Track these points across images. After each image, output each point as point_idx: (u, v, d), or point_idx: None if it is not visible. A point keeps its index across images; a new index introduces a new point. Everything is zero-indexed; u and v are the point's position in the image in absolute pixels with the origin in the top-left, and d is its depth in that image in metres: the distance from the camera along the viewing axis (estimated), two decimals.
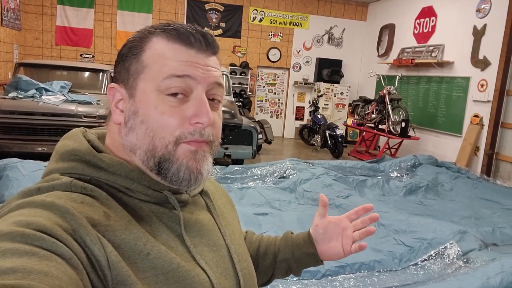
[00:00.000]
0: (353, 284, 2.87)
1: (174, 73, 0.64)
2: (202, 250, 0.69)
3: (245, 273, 0.76)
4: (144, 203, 0.66)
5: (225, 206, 0.86)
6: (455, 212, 4.54)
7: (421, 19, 8.74)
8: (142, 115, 0.64)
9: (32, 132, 5.41)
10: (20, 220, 0.51)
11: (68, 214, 0.54)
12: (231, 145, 6.22)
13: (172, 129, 0.64)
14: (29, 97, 5.66)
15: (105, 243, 0.56)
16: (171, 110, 0.64)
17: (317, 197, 4.46)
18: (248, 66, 10.61)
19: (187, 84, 0.64)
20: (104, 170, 0.64)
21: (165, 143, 0.64)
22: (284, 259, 0.95)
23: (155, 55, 0.65)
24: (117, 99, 0.68)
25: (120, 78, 0.68)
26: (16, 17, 8.66)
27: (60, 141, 0.69)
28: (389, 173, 5.75)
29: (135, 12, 9.67)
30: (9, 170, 3.76)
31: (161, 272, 0.60)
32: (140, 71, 0.65)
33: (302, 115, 11.20)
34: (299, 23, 10.87)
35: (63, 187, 0.60)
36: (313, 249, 0.92)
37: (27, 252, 0.47)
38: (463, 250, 3.29)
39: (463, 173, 5.97)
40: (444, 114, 7.95)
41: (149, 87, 0.64)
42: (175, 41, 0.65)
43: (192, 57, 0.65)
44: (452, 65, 7.80)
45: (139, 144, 0.65)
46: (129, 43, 0.68)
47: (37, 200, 0.56)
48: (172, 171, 0.64)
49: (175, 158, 0.64)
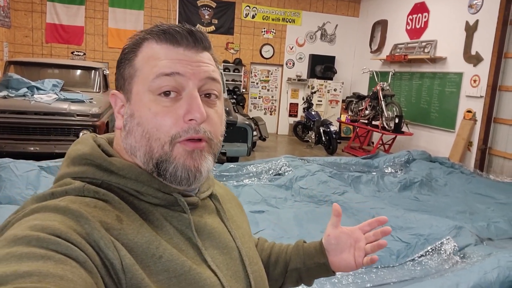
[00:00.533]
0: (351, 280, 2.87)
1: (163, 71, 0.64)
2: (213, 252, 0.69)
3: (256, 276, 0.76)
4: (154, 207, 0.66)
5: (234, 210, 0.86)
6: (449, 207, 4.57)
7: (413, 15, 8.77)
8: (137, 118, 0.65)
9: (24, 131, 5.34)
10: (35, 225, 0.52)
11: (82, 218, 0.55)
12: (226, 142, 6.20)
13: (166, 129, 0.64)
14: (21, 96, 5.58)
15: (119, 246, 0.56)
16: (164, 110, 0.64)
17: (313, 194, 4.46)
18: (241, 63, 10.58)
19: (178, 82, 0.65)
20: (115, 173, 0.65)
21: (160, 143, 0.64)
22: (295, 268, 0.94)
23: (145, 57, 0.66)
24: (119, 105, 0.70)
25: (119, 85, 0.70)
26: (6, 15, 8.53)
27: (71, 146, 0.70)
28: (384, 169, 5.76)
29: (127, 9, 9.58)
30: (2, 171, 3.70)
31: (173, 275, 0.60)
32: (133, 75, 0.67)
33: (296, 111, 11.20)
34: (292, 20, 10.85)
35: (76, 191, 0.61)
36: (324, 259, 0.91)
37: (42, 256, 0.48)
38: (460, 245, 3.31)
39: (457, 168, 6.00)
40: (437, 110, 7.99)
41: (141, 89, 0.66)
42: (162, 41, 0.66)
43: (180, 55, 0.66)
44: (445, 60, 7.84)
45: (137, 146, 0.66)
46: (124, 50, 0.70)
47: (51, 205, 0.56)
48: (169, 171, 0.65)
49: (171, 158, 0.64)
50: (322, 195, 4.41)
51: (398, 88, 9.07)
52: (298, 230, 3.56)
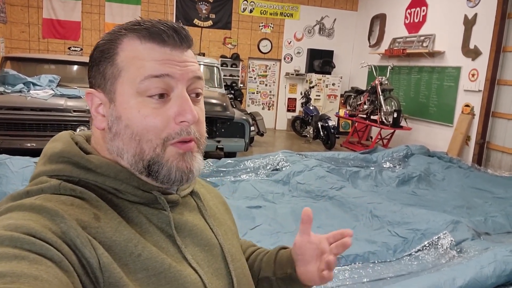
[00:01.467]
0: (348, 275, 2.87)
1: (151, 73, 0.62)
2: (194, 250, 0.68)
3: (238, 273, 0.75)
4: (134, 205, 0.65)
5: (217, 207, 0.84)
6: (447, 201, 4.57)
7: (412, 8, 8.73)
8: (125, 120, 0.64)
9: (21, 127, 5.31)
10: (8, 224, 0.51)
11: (57, 217, 0.54)
12: (223, 138, 6.18)
13: (158, 131, 0.63)
14: (17, 91, 5.55)
15: (96, 245, 0.55)
16: (154, 111, 0.63)
17: (310, 189, 4.45)
18: (239, 58, 10.54)
19: (167, 83, 0.63)
20: (93, 171, 0.63)
21: (152, 146, 0.63)
22: (265, 277, 0.88)
23: (129, 57, 0.64)
24: (97, 103, 0.67)
25: (96, 83, 0.67)
26: (1, 10, 8.48)
27: (48, 143, 0.68)
28: (382, 163, 5.76)
29: (124, 3, 9.51)
30: None
31: (153, 273, 0.59)
32: (117, 75, 0.64)
33: (294, 106, 11.18)
34: (290, 14, 10.79)
35: (52, 189, 0.60)
36: (291, 269, 0.83)
37: (16, 256, 0.47)
38: (456, 240, 3.32)
39: (455, 162, 6.00)
40: (436, 104, 7.97)
41: (128, 90, 0.63)
42: (147, 40, 0.64)
43: (168, 55, 0.64)
44: (443, 55, 7.82)
45: (126, 148, 0.64)
46: (100, 46, 0.66)
47: (26, 203, 0.55)
48: (163, 173, 0.64)
49: (164, 160, 0.64)
50: (319, 190, 4.41)
51: (397, 83, 9.05)
52: (295, 225, 3.56)
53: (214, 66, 7.51)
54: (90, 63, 0.68)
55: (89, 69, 0.68)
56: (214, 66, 7.50)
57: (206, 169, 4.83)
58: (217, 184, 4.46)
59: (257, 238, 3.28)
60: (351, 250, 3.10)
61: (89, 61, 0.68)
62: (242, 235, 3.32)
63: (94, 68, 0.67)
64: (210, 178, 4.61)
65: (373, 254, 3.14)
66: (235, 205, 3.81)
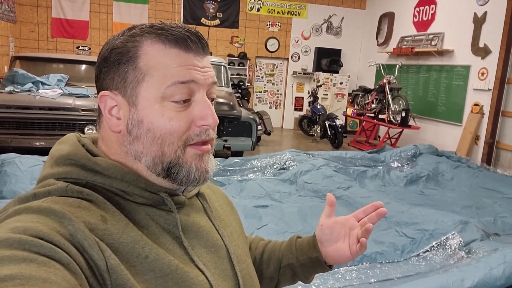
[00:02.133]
0: (355, 276, 2.86)
1: (179, 80, 0.64)
2: (200, 251, 0.69)
3: (244, 274, 0.75)
4: (141, 206, 0.65)
5: (223, 208, 0.85)
6: (456, 201, 4.52)
7: (420, 7, 8.66)
8: (148, 123, 0.64)
9: (30, 126, 5.36)
10: (17, 227, 0.51)
11: (65, 219, 0.54)
12: (230, 137, 6.18)
13: (180, 134, 0.65)
14: (26, 91, 5.60)
15: (104, 247, 0.55)
16: (178, 115, 0.65)
17: (317, 188, 4.44)
18: (246, 57, 10.53)
19: (191, 88, 0.65)
20: (100, 173, 0.64)
21: (174, 148, 0.65)
22: (288, 264, 0.92)
23: (154, 62, 0.64)
24: (110, 106, 0.66)
25: (113, 85, 0.66)
26: (11, 9, 8.55)
27: (54, 146, 0.69)
28: (390, 163, 5.72)
29: (131, 3, 9.55)
30: (7, 166, 3.73)
31: (160, 275, 0.60)
32: (141, 79, 0.64)
33: (301, 105, 11.15)
34: (297, 12, 10.76)
35: (59, 192, 0.60)
36: (316, 253, 0.88)
37: (25, 258, 0.47)
38: (465, 240, 3.28)
39: (464, 162, 5.95)
40: (444, 103, 7.91)
41: (152, 94, 0.64)
42: (172, 45, 0.65)
43: (191, 61, 0.65)
44: (452, 53, 7.74)
45: (145, 151, 0.65)
46: (118, 48, 0.65)
47: (33, 206, 0.55)
48: (182, 174, 0.66)
49: (183, 162, 0.66)
50: (326, 190, 4.39)
51: (405, 81, 8.99)
52: (302, 225, 3.55)
53: (221, 65, 7.51)
54: (104, 65, 0.66)
55: (102, 71, 0.67)
56: (221, 65, 7.50)
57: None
58: (224, 183, 4.46)
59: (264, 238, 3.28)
60: None
61: (103, 62, 0.67)
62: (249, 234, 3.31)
63: (112, 70, 0.66)
64: (217, 177, 4.61)
65: (380, 254, 3.12)
66: (242, 204, 3.81)
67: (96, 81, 0.69)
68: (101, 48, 0.69)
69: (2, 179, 3.57)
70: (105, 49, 0.67)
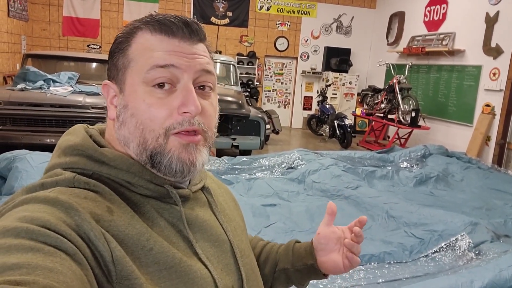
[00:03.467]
0: (363, 276, 2.84)
1: (157, 63, 0.64)
2: (204, 245, 0.69)
3: (247, 269, 0.76)
4: (146, 199, 0.66)
5: (227, 203, 0.85)
6: (466, 203, 4.48)
7: (431, 6, 8.58)
8: (131, 109, 0.65)
9: (41, 123, 5.42)
10: (24, 216, 0.51)
11: (71, 210, 0.55)
12: (238, 135, 6.19)
13: (161, 121, 0.64)
14: (37, 88, 5.65)
15: (109, 238, 0.56)
16: (159, 101, 0.64)
17: (325, 188, 4.43)
18: (255, 56, 10.53)
19: (173, 73, 0.64)
20: (106, 164, 0.64)
21: (155, 135, 0.64)
22: (283, 269, 0.91)
23: (139, 48, 0.66)
24: (112, 95, 0.69)
25: (111, 75, 0.69)
26: (23, 8, 8.65)
27: (62, 136, 0.70)
28: (399, 163, 5.68)
29: (141, 1, 9.61)
30: (18, 162, 3.77)
31: (164, 267, 0.60)
32: (127, 65, 0.66)
33: (310, 105, 11.12)
34: (307, 12, 10.73)
35: (66, 182, 0.60)
36: (312, 260, 0.88)
37: (31, 248, 0.47)
38: (475, 241, 3.25)
39: (474, 163, 5.88)
40: (455, 103, 7.83)
41: (135, 80, 0.65)
42: (157, 32, 0.66)
43: (176, 46, 0.65)
44: (463, 53, 7.66)
45: (131, 137, 0.66)
46: (117, 39, 0.69)
47: (40, 196, 0.56)
48: (164, 163, 0.65)
49: (166, 151, 0.64)
50: (334, 190, 4.38)
51: (415, 81, 8.92)
52: (310, 224, 3.55)
53: (230, 64, 7.52)
54: (109, 56, 0.70)
55: (108, 63, 0.71)
56: (230, 64, 7.51)
57: (222, 167, 4.84)
58: (232, 182, 4.47)
59: (272, 236, 3.28)
60: (366, 250, 3.07)
61: (108, 54, 0.71)
62: (257, 233, 3.32)
63: (110, 60, 0.70)
64: (225, 176, 4.62)
65: (388, 254, 3.10)
66: (250, 203, 3.81)
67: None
68: None
69: (13, 175, 3.62)
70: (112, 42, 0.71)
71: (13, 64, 8.10)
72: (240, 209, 0.91)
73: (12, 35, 8.08)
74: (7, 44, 7.82)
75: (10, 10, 7.83)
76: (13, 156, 3.83)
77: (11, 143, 5.25)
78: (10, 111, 5.30)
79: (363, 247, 3.11)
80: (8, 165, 3.74)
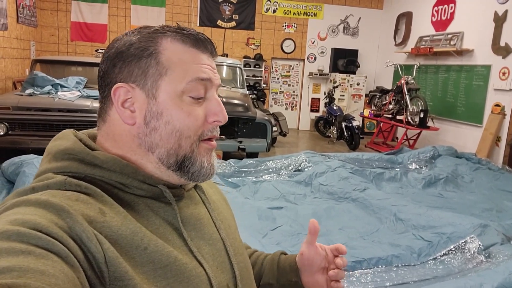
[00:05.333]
0: (370, 279, 2.81)
1: (199, 76, 0.68)
2: (199, 243, 0.70)
3: (241, 267, 0.76)
4: (140, 198, 0.67)
5: (219, 202, 0.86)
6: (475, 204, 4.42)
7: (439, 6, 8.51)
8: (167, 116, 0.66)
9: (49, 128, 5.47)
10: (15, 219, 0.51)
11: (63, 212, 0.55)
12: (245, 138, 6.18)
13: (196, 128, 0.68)
14: (45, 93, 5.71)
15: (102, 239, 0.56)
16: (195, 110, 0.68)
17: (333, 190, 4.40)
18: (262, 58, 10.53)
19: (206, 86, 0.69)
20: (99, 166, 0.65)
21: (190, 142, 0.68)
22: (268, 283, 0.91)
23: (175, 58, 0.67)
24: (124, 98, 0.67)
25: (131, 78, 0.67)
26: (32, 14, 8.75)
27: (51, 142, 0.70)
28: (408, 165, 5.63)
29: (148, 6, 9.67)
30: (26, 167, 3.80)
31: (159, 266, 0.60)
32: (163, 73, 0.67)
33: (317, 106, 11.09)
34: (314, 13, 10.71)
35: (57, 185, 0.60)
36: (296, 278, 0.88)
37: (23, 251, 0.47)
38: (484, 244, 3.19)
39: (484, 164, 5.80)
40: (464, 104, 7.74)
41: (173, 88, 0.67)
42: (191, 45, 0.69)
43: (207, 61, 0.70)
44: (472, 53, 7.58)
45: (162, 143, 0.67)
46: (137, 43, 0.67)
47: (32, 199, 0.56)
48: (195, 168, 0.68)
49: (197, 156, 0.68)
50: (342, 192, 4.34)
51: (423, 82, 8.84)
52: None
53: (237, 66, 7.52)
54: (121, 59, 0.67)
55: (116, 65, 0.67)
56: (236, 67, 7.51)
57: (228, 169, 4.84)
58: (239, 185, 4.46)
59: (278, 239, 3.26)
60: (373, 253, 3.04)
61: (118, 56, 0.67)
62: (263, 236, 3.31)
63: (130, 63, 0.67)
64: (231, 178, 4.61)
65: (396, 257, 3.07)
66: (256, 206, 3.80)
67: (105, 75, 0.69)
68: (112, 44, 0.70)
69: (21, 180, 3.65)
70: (121, 44, 0.68)
71: (23, 70, 8.20)
72: (231, 209, 0.91)
73: (22, 41, 8.18)
74: (17, 50, 7.92)
75: (20, 16, 7.93)
76: (20, 161, 3.86)
77: (19, 148, 5.30)
78: (19, 116, 5.36)
79: (371, 250, 3.08)
80: (16, 170, 3.77)
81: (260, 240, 3.09)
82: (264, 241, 3.12)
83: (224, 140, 6.08)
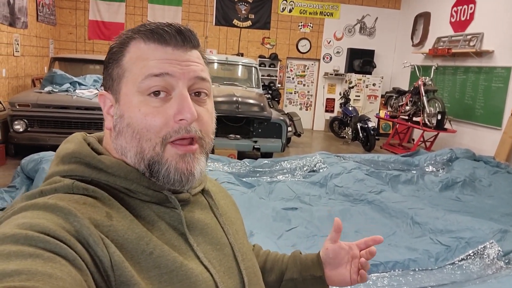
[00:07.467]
0: (387, 283, 2.78)
1: (152, 72, 0.64)
2: (205, 248, 0.69)
3: (249, 272, 0.75)
4: (145, 203, 0.66)
5: (228, 207, 0.85)
6: (494, 209, 4.34)
7: (458, 6, 8.37)
8: (127, 118, 0.65)
9: (67, 125, 5.55)
10: (23, 223, 0.52)
11: (70, 216, 0.55)
12: (260, 138, 6.18)
13: (157, 129, 0.64)
14: (64, 91, 5.80)
15: (108, 243, 0.56)
16: (155, 110, 0.64)
17: (348, 192, 4.36)
18: (277, 58, 10.51)
19: (167, 82, 0.64)
20: (104, 171, 0.65)
21: (152, 144, 0.64)
22: (291, 279, 0.92)
23: (133, 58, 0.66)
24: (108, 105, 0.69)
25: (107, 85, 0.69)
26: (51, 13, 8.88)
27: (61, 145, 0.70)
28: (424, 167, 5.56)
29: (165, 5, 9.73)
30: (45, 163, 3.86)
31: (165, 271, 0.60)
32: (122, 75, 0.66)
33: (332, 107, 11.02)
34: (330, 13, 10.64)
35: (65, 189, 0.61)
36: (321, 272, 0.90)
37: (31, 254, 0.48)
38: (504, 250, 3.13)
39: (503, 167, 5.70)
40: (483, 106, 7.61)
41: (130, 89, 0.65)
42: (150, 41, 0.66)
43: (169, 54, 0.66)
44: (492, 54, 7.44)
45: (128, 147, 0.66)
46: (111, 50, 0.69)
47: (39, 202, 0.56)
48: (162, 173, 0.65)
49: (163, 160, 0.64)
50: (357, 194, 4.31)
51: (441, 83, 8.72)
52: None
53: (252, 66, 7.52)
54: (104, 67, 0.70)
55: (103, 72, 0.71)
56: (252, 66, 7.51)
57: (243, 169, 4.84)
58: (253, 185, 4.45)
59: (293, 241, 3.25)
60: (390, 256, 3.00)
61: (104, 64, 0.71)
62: (278, 237, 3.30)
63: (105, 70, 0.70)
64: (246, 178, 4.61)
65: (413, 261, 3.03)
66: (270, 206, 3.79)
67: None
68: None
69: (40, 176, 3.71)
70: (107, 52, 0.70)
71: (41, 67, 8.33)
72: (240, 214, 0.91)
73: (41, 39, 8.31)
74: (36, 48, 8.05)
75: (39, 15, 8.06)
76: (40, 158, 3.92)
77: (38, 144, 5.39)
78: (38, 113, 5.45)
79: (387, 254, 3.05)
80: (35, 167, 3.83)
81: (275, 242, 3.08)
82: (280, 243, 3.11)
83: (239, 139, 6.08)
